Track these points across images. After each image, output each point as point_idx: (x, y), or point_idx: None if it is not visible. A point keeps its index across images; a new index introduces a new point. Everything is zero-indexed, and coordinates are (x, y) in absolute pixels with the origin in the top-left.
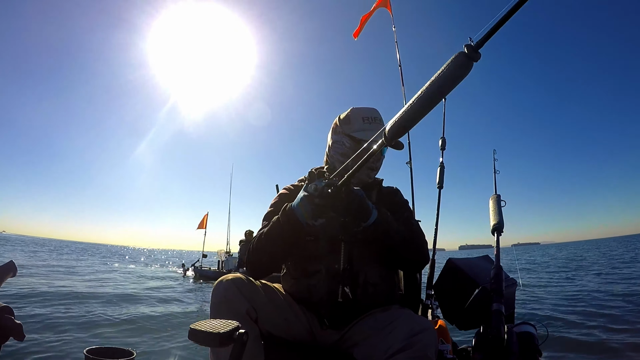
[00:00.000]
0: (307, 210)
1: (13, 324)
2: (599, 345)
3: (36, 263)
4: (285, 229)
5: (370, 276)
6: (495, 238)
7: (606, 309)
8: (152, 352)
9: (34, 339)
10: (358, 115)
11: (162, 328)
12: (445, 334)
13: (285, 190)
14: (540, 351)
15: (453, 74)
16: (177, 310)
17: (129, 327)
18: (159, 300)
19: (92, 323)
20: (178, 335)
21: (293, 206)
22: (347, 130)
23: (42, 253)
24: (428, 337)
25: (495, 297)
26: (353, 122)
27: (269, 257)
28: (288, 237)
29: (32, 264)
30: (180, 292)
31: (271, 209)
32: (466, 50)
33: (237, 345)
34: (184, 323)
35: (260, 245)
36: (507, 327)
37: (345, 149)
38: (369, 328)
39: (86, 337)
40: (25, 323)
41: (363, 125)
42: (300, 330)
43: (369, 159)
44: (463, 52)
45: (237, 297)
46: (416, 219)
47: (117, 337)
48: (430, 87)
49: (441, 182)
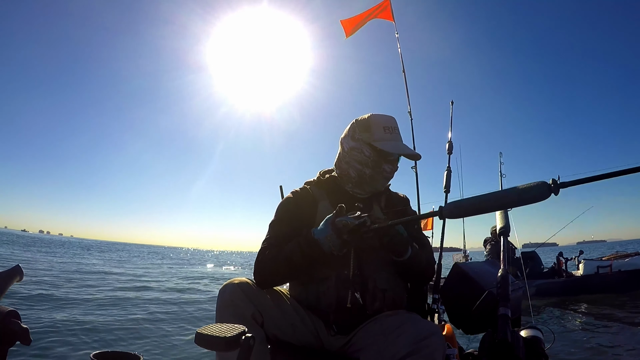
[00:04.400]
0: (335, 245)
1: (19, 328)
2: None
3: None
4: (305, 257)
5: (379, 282)
6: (502, 242)
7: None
8: (160, 356)
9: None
10: (379, 123)
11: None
12: (451, 338)
13: (292, 195)
14: (546, 355)
15: (532, 197)
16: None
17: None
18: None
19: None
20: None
21: (317, 236)
22: (367, 138)
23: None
24: (436, 341)
25: (501, 301)
26: (374, 130)
27: (283, 278)
28: (307, 263)
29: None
30: None
31: (279, 217)
32: (552, 184)
33: (243, 349)
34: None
35: (275, 267)
36: (513, 331)
37: (365, 158)
38: (376, 333)
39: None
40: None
41: (384, 135)
42: (306, 335)
43: (417, 220)
44: (548, 184)
45: (243, 301)
46: (425, 235)
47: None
48: (505, 197)
49: (448, 186)
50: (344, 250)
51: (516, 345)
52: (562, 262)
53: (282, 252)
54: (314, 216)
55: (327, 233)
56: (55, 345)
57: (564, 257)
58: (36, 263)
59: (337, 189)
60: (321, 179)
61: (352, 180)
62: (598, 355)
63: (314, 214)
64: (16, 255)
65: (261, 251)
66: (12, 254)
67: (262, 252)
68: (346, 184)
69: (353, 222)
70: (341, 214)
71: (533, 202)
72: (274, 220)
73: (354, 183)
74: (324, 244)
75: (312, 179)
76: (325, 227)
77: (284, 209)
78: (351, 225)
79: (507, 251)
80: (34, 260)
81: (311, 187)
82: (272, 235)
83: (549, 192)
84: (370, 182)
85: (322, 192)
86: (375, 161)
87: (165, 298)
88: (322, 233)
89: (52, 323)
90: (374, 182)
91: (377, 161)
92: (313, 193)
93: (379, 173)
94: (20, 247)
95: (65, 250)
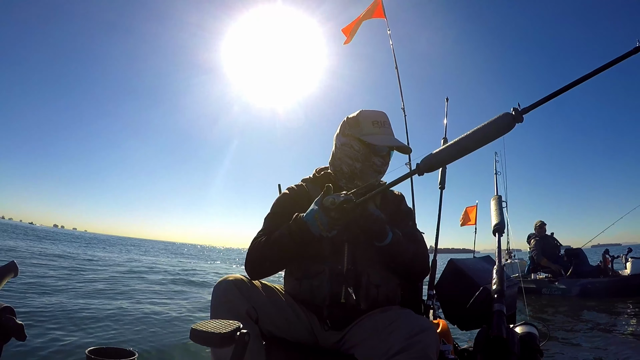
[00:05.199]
0: (323, 223)
1: (15, 324)
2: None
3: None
4: (294, 239)
5: (373, 277)
6: (497, 238)
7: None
8: (154, 352)
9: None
10: (367, 118)
11: None
12: (446, 334)
13: (288, 192)
14: (541, 351)
15: (497, 129)
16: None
17: None
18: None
19: None
20: None
21: (305, 218)
22: (357, 133)
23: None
24: (429, 337)
25: (496, 297)
26: (363, 125)
27: (272, 264)
28: (297, 247)
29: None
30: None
31: (273, 211)
32: (513, 112)
33: (238, 345)
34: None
35: (265, 251)
36: (508, 328)
37: (354, 152)
38: (370, 329)
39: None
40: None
41: (373, 129)
42: (301, 330)
43: (395, 184)
44: (510, 114)
45: (237, 297)
46: (420, 231)
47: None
48: (473, 135)
49: (443, 183)
50: (332, 230)
51: (511, 341)
52: (608, 260)
53: (271, 237)
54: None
55: (315, 212)
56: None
57: (610, 254)
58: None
59: (332, 184)
60: (316, 176)
61: (345, 176)
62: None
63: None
64: (89, 254)
65: (253, 241)
66: (75, 252)
67: (253, 242)
68: (340, 179)
69: (340, 199)
70: (328, 193)
71: (500, 135)
72: (268, 214)
73: (347, 178)
74: (312, 224)
75: (309, 176)
76: (313, 206)
77: (280, 204)
78: (337, 202)
79: (505, 248)
80: (106, 257)
81: (307, 183)
82: (265, 228)
83: (513, 121)
84: (362, 177)
85: (317, 187)
86: (364, 155)
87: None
88: (311, 213)
89: (114, 311)
90: (365, 176)
91: (366, 155)
92: (308, 189)
93: (370, 167)
94: (79, 245)
95: (102, 245)
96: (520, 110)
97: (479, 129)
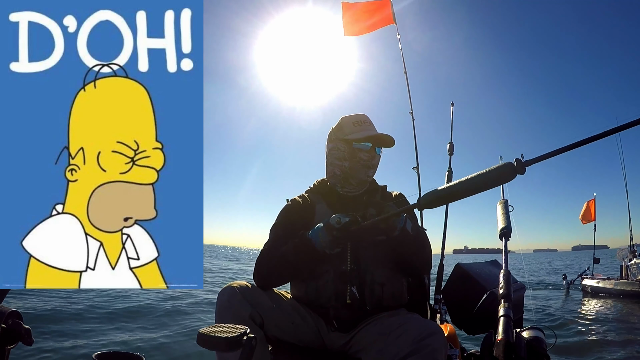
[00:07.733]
0: (325, 241)
1: (22, 328)
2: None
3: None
4: (300, 256)
5: (377, 276)
6: (504, 243)
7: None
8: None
9: None
10: (348, 121)
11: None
12: (453, 338)
13: (290, 203)
14: (548, 356)
15: (498, 178)
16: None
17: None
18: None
19: None
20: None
21: (311, 235)
22: (340, 135)
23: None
24: (437, 341)
25: (503, 301)
26: (344, 127)
27: (279, 277)
28: (302, 263)
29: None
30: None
31: (278, 221)
32: (515, 163)
33: (245, 350)
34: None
35: (272, 265)
36: (515, 332)
37: (341, 152)
38: (377, 332)
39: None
40: None
41: (354, 128)
42: (308, 333)
43: (397, 214)
44: (512, 164)
45: (241, 303)
46: (423, 228)
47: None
48: (474, 179)
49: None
50: (335, 248)
51: (518, 345)
52: None
53: (278, 251)
54: (312, 218)
55: (319, 230)
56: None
57: None
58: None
59: (330, 191)
60: (316, 185)
61: (339, 179)
62: None
63: (312, 216)
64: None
65: (261, 253)
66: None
67: (261, 254)
68: (336, 184)
69: (345, 219)
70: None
71: (500, 184)
72: (273, 225)
73: (341, 181)
74: (317, 241)
75: (310, 187)
76: (319, 225)
77: (284, 215)
78: (342, 222)
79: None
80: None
81: (309, 194)
82: (272, 239)
83: (513, 172)
84: (352, 174)
85: (317, 196)
86: (350, 152)
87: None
88: (316, 231)
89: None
90: (355, 173)
91: (352, 152)
92: (310, 198)
93: (357, 162)
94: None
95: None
96: (522, 162)
97: (480, 175)
